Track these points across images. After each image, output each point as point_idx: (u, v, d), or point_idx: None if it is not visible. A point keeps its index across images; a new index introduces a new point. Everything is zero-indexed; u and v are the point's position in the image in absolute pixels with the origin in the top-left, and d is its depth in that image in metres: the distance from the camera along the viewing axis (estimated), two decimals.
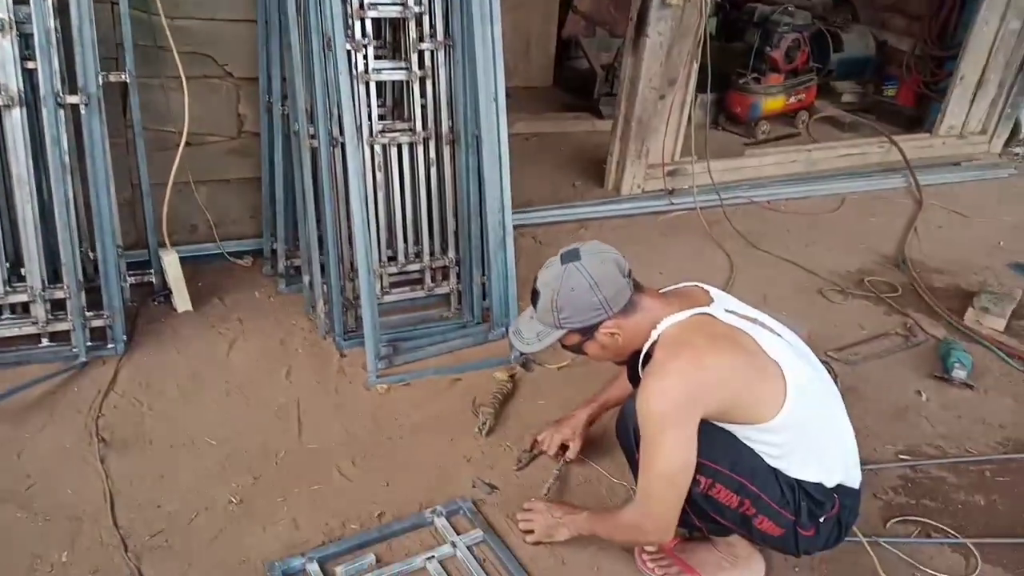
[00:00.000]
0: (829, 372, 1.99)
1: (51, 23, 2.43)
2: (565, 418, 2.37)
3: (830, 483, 1.80)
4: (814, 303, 3.42)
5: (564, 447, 2.34)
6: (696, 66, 4.05)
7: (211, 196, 3.21)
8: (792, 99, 5.31)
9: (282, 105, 2.92)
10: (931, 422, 2.72)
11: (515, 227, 2.94)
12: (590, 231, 3.86)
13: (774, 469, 1.77)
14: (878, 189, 4.69)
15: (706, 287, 1.91)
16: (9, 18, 2.40)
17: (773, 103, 5.20)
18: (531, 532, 2.07)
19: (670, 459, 1.71)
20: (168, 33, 2.79)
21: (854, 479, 1.87)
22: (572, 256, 1.82)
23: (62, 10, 2.46)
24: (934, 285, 3.63)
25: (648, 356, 1.80)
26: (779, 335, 1.83)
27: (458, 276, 3.09)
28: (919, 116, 5.45)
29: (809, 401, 1.75)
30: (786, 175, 4.67)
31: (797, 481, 1.77)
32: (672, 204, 4.15)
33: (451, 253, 3.06)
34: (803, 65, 5.31)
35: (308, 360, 2.77)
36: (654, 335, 1.79)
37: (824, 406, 1.84)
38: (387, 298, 3.00)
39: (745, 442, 1.76)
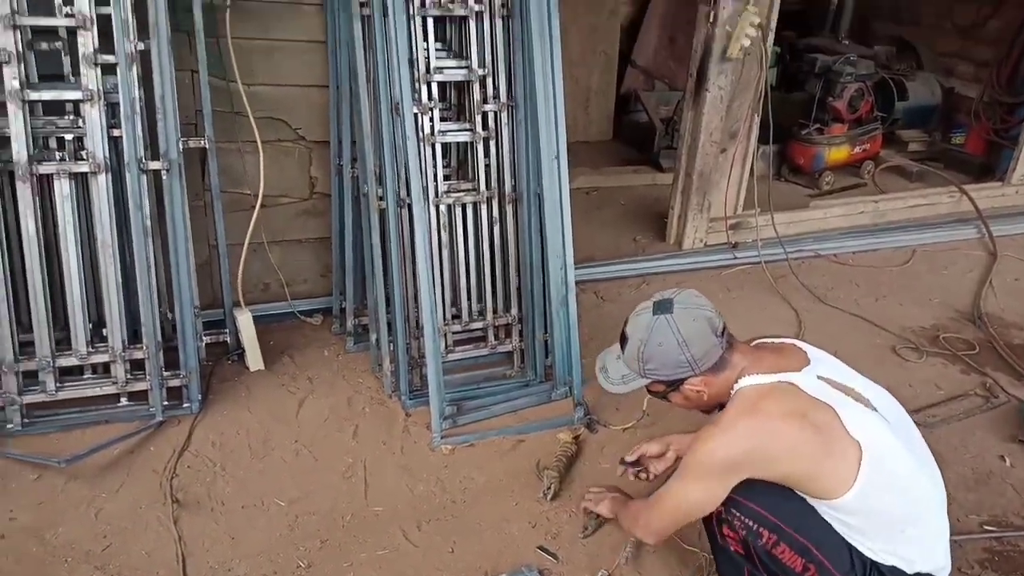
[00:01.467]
0: None
1: (136, 92, 2.56)
2: (668, 436, 2.33)
3: (910, 570, 1.72)
4: (887, 361, 3.32)
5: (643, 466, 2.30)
6: (757, 119, 4.03)
7: (283, 256, 3.29)
8: (857, 149, 5.23)
9: (352, 167, 3.00)
10: (1017, 489, 2.59)
11: (577, 282, 2.94)
12: (652, 286, 3.83)
13: (848, 543, 1.70)
14: (949, 240, 4.55)
15: (804, 347, 1.87)
16: (97, 89, 2.53)
17: (837, 153, 5.13)
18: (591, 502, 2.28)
19: (690, 498, 1.80)
20: (245, 99, 2.91)
21: (941, 569, 1.77)
22: (664, 307, 1.80)
23: (146, 79, 2.59)
24: (1013, 342, 3.49)
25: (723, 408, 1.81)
26: (874, 409, 1.76)
27: (521, 334, 3.10)
28: (989, 164, 5.29)
29: (890, 485, 1.68)
30: (853, 227, 4.58)
31: (872, 561, 1.70)
32: (736, 258, 4.10)
33: (514, 311, 3.07)
34: (867, 114, 5.24)
35: (374, 420, 2.79)
36: (734, 390, 1.79)
37: (910, 491, 1.74)
38: (451, 356, 3.01)
39: (818, 511, 1.71)
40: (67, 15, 2.49)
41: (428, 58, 2.76)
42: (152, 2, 2.51)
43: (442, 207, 2.89)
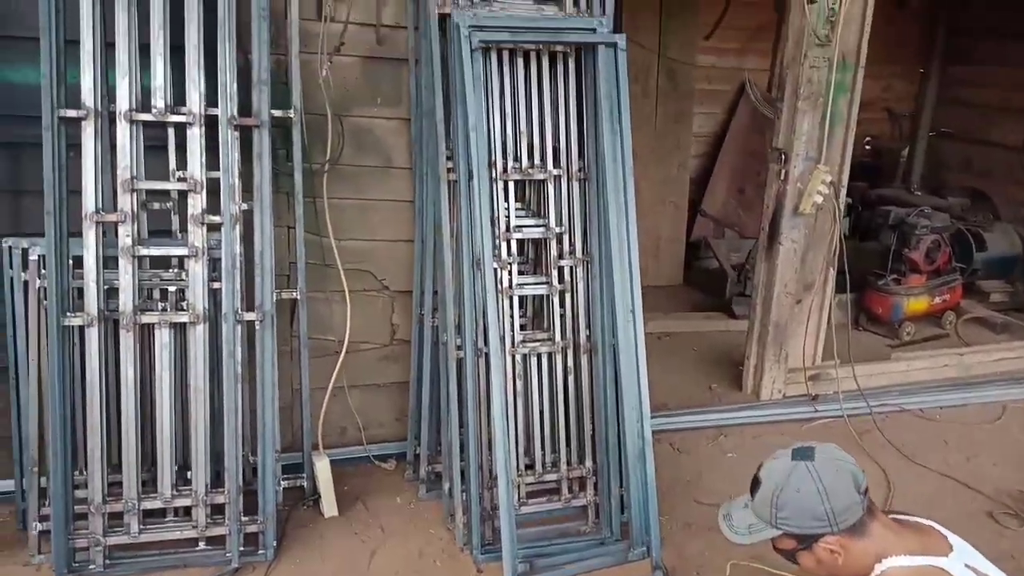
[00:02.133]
0: None
1: (237, 249, 2.74)
2: None
3: None
4: (985, 528, 3.12)
5: None
6: (833, 271, 4.03)
7: (362, 400, 3.37)
8: (936, 300, 5.13)
9: (433, 317, 3.10)
10: None
11: (651, 432, 2.91)
12: (730, 439, 3.74)
13: None
14: None
15: (944, 532, 1.75)
16: (202, 246, 2.73)
17: (916, 304, 5.04)
18: None
19: None
20: (336, 253, 3.09)
21: None
22: (805, 454, 1.71)
23: (246, 236, 2.78)
24: None
25: None
26: None
27: (595, 487, 3.04)
28: None
29: None
30: (938, 381, 4.43)
31: None
32: (816, 411, 4.00)
33: (588, 463, 3.03)
34: (945, 266, 5.17)
35: (445, 574, 2.74)
36: (878, 569, 1.65)
37: None
38: (524, 509, 2.97)
39: None
40: (179, 179, 2.73)
41: (508, 217, 2.90)
42: (258, 169, 2.74)
43: (518, 356, 2.95)
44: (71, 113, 2.53)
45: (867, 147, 6.68)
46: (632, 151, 2.84)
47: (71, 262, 2.63)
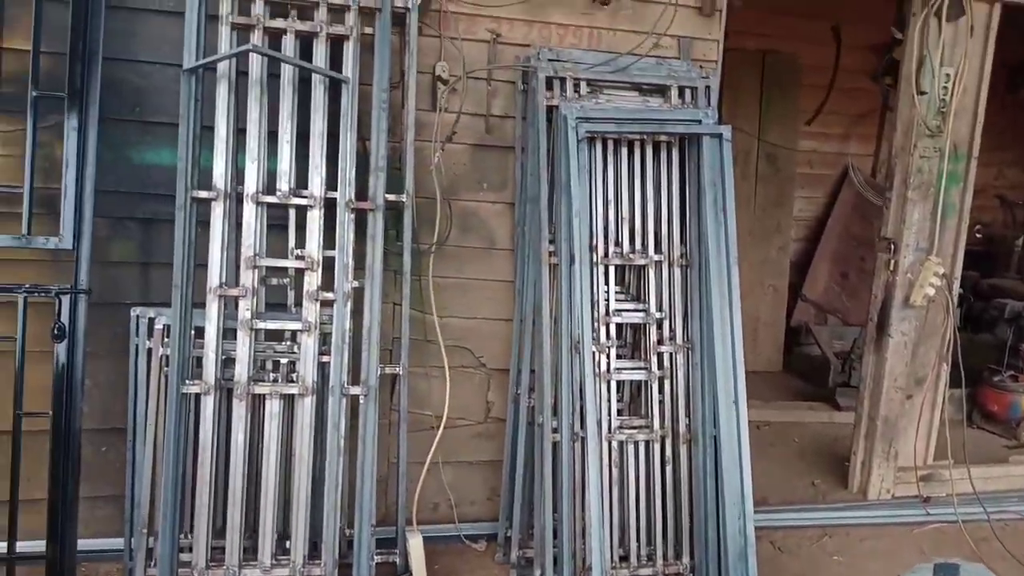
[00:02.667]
0: None
1: (347, 325, 2.85)
2: None
3: None
4: None
5: None
6: (946, 366, 3.84)
7: (455, 476, 3.39)
8: None
9: (529, 397, 3.12)
10: None
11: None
12: (835, 540, 3.55)
13: None
14: None
15: None
16: (315, 321, 2.85)
17: None
18: None
19: None
20: (438, 330, 3.16)
21: None
22: (950, 572, 1.65)
23: (355, 313, 2.89)
24: None
25: None
26: None
27: None
28: None
29: None
30: None
31: None
32: (928, 515, 3.76)
33: (685, 559, 2.94)
34: None
35: None
36: None
37: None
38: None
39: None
40: (297, 257, 2.88)
41: (608, 301, 2.92)
42: (370, 249, 2.87)
43: (614, 443, 2.92)
44: (203, 194, 2.72)
45: (978, 235, 6.42)
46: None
47: (192, 332, 2.79)
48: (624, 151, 2.91)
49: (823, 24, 5.83)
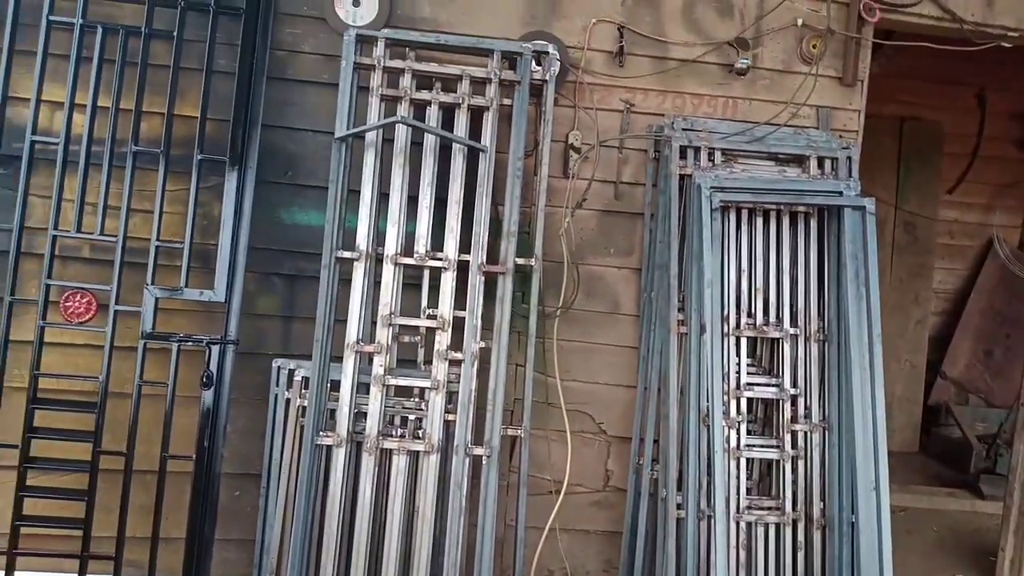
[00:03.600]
0: None
1: (473, 385, 2.89)
2: None
3: None
4: None
5: None
6: None
7: (570, 544, 3.33)
8: None
9: (652, 468, 3.04)
10: None
11: None
12: None
13: None
14: None
15: None
16: (443, 379, 2.91)
17: None
18: None
19: None
20: (560, 393, 3.16)
21: None
22: None
23: (481, 372, 2.93)
24: None
25: None
26: None
27: None
28: None
29: None
30: None
31: None
32: None
33: None
34: None
35: None
36: None
37: None
38: None
39: None
40: (429, 316, 2.96)
41: (739, 374, 2.84)
42: (498, 311, 2.91)
43: (742, 523, 2.80)
44: (346, 254, 2.86)
45: None
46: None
47: (328, 385, 2.90)
48: (759, 221, 2.86)
49: (966, 90, 5.61)
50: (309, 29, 3.03)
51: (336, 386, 2.88)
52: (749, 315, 2.86)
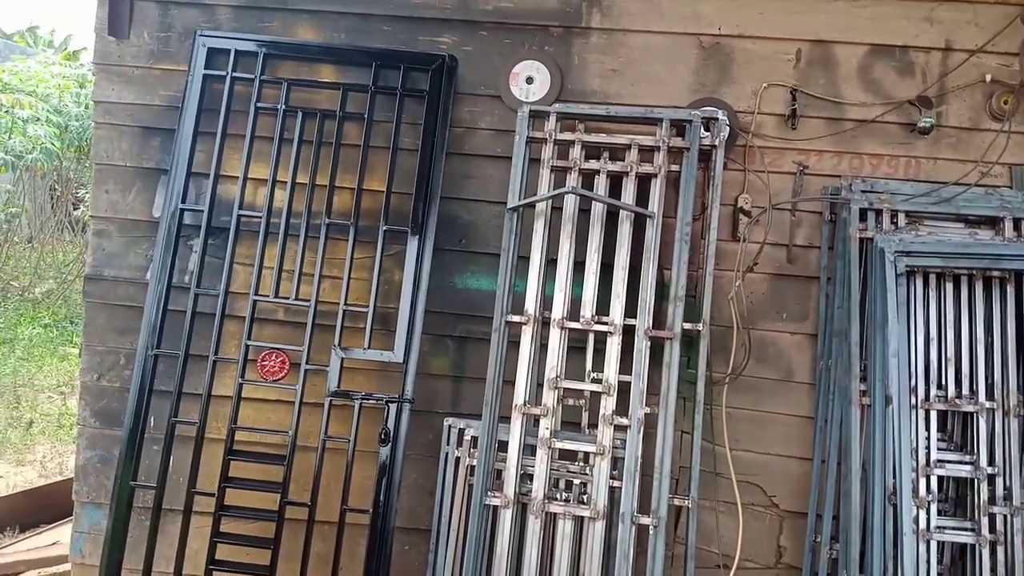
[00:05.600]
0: None
1: (638, 452, 2.87)
2: None
3: None
4: None
5: None
6: None
7: None
8: None
9: (830, 548, 2.88)
10: None
11: None
12: None
13: None
14: None
15: None
16: (608, 445, 2.90)
17: None
18: None
19: None
20: (730, 463, 3.07)
21: None
22: None
23: (646, 439, 2.90)
24: None
25: None
26: None
27: None
28: None
29: None
30: None
31: None
32: None
33: None
34: None
35: None
36: None
37: None
38: None
39: None
40: (594, 380, 2.99)
41: (928, 450, 2.66)
42: (665, 377, 2.89)
43: None
44: (515, 318, 2.95)
45: None
46: None
47: (496, 446, 2.97)
48: (949, 286, 2.69)
49: None
50: (486, 107, 3.20)
51: (503, 446, 2.94)
52: (939, 387, 2.69)
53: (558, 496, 2.94)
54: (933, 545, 2.62)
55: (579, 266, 3.00)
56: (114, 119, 3.31)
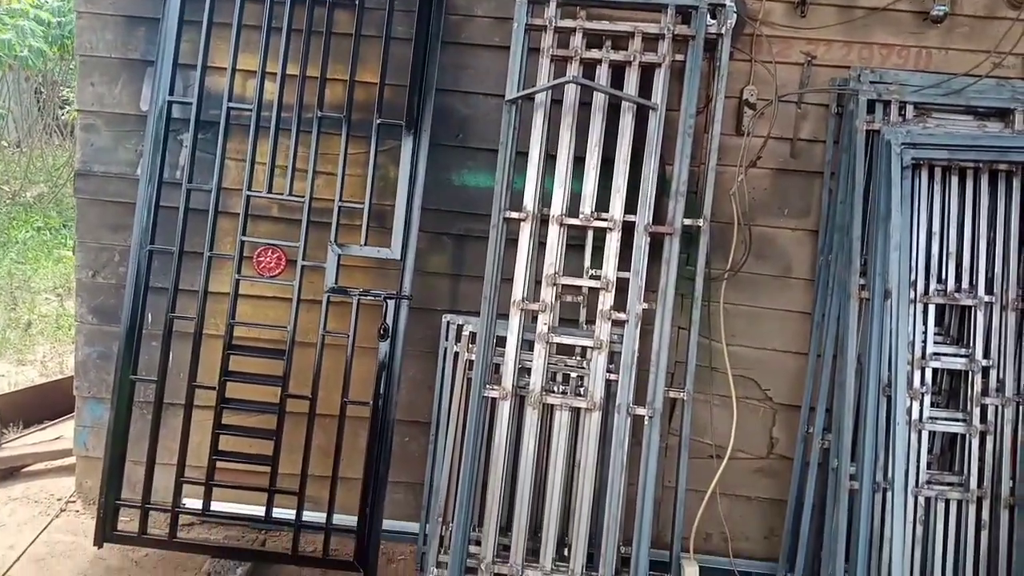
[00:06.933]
0: None
1: (635, 347, 2.89)
2: None
3: None
4: None
5: None
6: None
7: (730, 509, 3.29)
8: None
9: (822, 438, 2.95)
10: None
11: None
12: None
13: None
14: None
15: None
16: (606, 340, 2.92)
17: None
18: None
19: None
20: (726, 358, 3.10)
21: None
22: None
23: (643, 335, 2.92)
24: None
25: None
26: None
27: None
28: None
29: None
30: None
31: None
32: None
33: None
34: None
35: None
36: None
37: None
38: None
39: None
40: (592, 276, 2.98)
41: (925, 343, 2.68)
42: (664, 273, 2.88)
43: (920, 498, 2.66)
44: (514, 215, 2.91)
45: None
46: None
47: (494, 340, 2.99)
48: (954, 180, 2.65)
49: None
50: None
51: (501, 342, 2.96)
52: (939, 281, 2.68)
53: (555, 389, 2.98)
54: (924, 435, 2.68)
55: (579, 161, 2.94)
56: (96, 7, 3.17)
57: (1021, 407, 2.62)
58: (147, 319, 3.12)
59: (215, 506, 3.10)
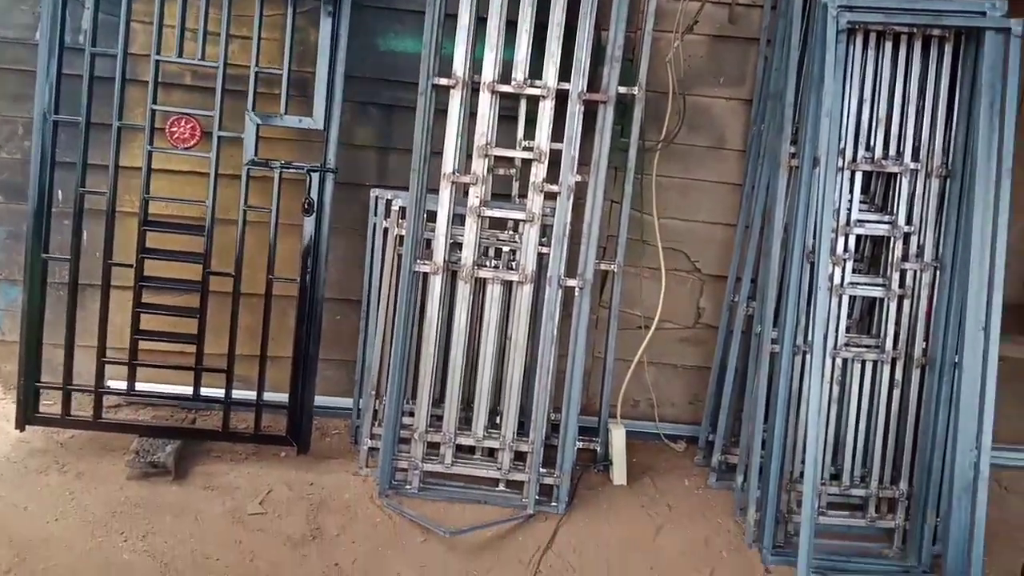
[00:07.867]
0: None
1: (567, 219, 2.87)
2: None
3: None
4: None
5: None
6: None
7: (657, 377, 3.38)
8: None
9: (747, 306, 3.02)
10: None
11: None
12: None
13: None
14: None
15: None
16: (538, 212, 2.89)
17: None
18: None
19: None
20: (657, 231, 3.11)
21: None
22: None
23: (575, 207, 2.89)
24: None
25: None
26: None
27: (907, 512, 2.80)
28: None
29: None
30: None
31: None
32: None
33: (902, 485, 2.79)
34: None
35: (731, 568, 2.71)
36: None
37: None
38: (822, 519, 2.81)
39: None
40: (525, 148, 2.91)
41: (850, 210, 2.72)
42: (597, 143, 2.83)
43: (838, 360, 2.78)
44: (443, 81, 2.79)
45: None
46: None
47: (425, 215, 2.92)
48: (888, 45, 2.62)
49: None
50: None
51: (432, 216, 2.90)
52: (867, 148, 2.70)
53: (487, 263, 2.95)
54: (845, 300, 2.76)
55: (511, 25, 2.81)
56: None
57: (938, 271, 2.71)
58: (57, 196, 2.94)
59: (142, 387, 3.04)
